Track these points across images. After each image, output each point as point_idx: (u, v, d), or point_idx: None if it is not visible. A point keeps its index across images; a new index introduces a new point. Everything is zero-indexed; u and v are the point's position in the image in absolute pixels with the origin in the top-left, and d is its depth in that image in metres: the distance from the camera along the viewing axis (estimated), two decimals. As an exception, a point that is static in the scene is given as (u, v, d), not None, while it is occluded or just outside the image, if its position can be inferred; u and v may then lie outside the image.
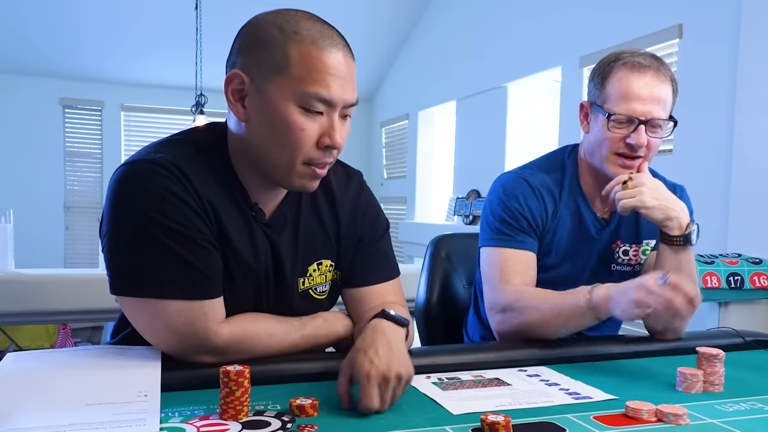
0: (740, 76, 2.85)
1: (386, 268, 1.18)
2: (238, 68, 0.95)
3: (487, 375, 1.06)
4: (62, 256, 6.68)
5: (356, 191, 1.17)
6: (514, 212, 1.35)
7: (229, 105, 0.97)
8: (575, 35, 4.09)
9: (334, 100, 0.93)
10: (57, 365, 0.92)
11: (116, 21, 5.83)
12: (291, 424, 0.80)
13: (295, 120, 0.93)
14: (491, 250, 1.36)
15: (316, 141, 0.95)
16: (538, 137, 4.77)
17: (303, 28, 0.93)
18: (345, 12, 6.07)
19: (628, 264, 1.43)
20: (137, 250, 0.93)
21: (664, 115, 1.29)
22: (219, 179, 0.99)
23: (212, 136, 1.03)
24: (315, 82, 0.92)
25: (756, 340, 1.31)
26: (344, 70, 0.94)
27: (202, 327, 0.94)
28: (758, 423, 0.86)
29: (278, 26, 0.93)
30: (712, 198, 2.97)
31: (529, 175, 1.40)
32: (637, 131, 1.27)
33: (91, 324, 3.87)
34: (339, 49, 0.94)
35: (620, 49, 1.36)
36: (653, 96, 1.27)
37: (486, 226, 1.39)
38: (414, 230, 6.13)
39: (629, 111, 1.27)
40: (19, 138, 6.52)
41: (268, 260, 1.05)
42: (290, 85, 0.92)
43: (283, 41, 0.92)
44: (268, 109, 0.94)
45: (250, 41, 0.95)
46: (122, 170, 0.95)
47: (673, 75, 1.32)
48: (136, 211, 0.92)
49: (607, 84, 1.31)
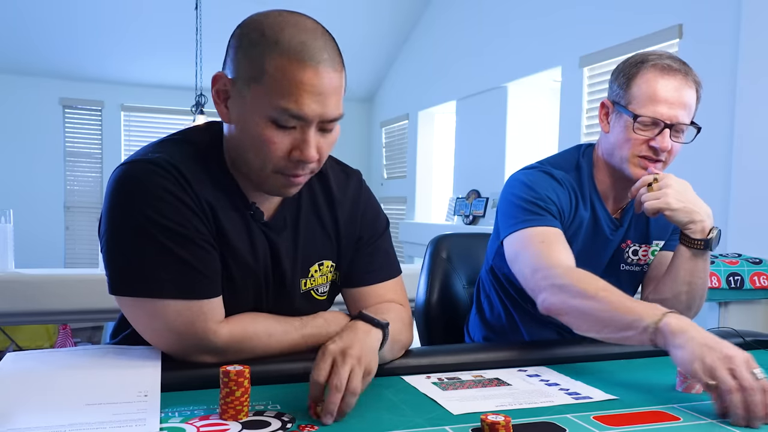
0: (740, 76, 2.85)
1: (386, 267, 1.17)
2: (224, 69, 0.95)
3: (487, 375, 1.06)
4: (62, 256, 6.68)
5: (355, 191, 1.16)
6: (542, 195, 1.30)
7: (214, 103, 0.97)
8: (575, 35, 4.09)
9: (306, 117, 0.90)
10: (57, 365, 0.92)
11: (116, 21, 5.84)
12: (291, 424, 0.80)
13: (264, 132, 0.91)
14: (519, 233, 1.27)
15: (287, 153, 0.93)
16: (538, 137, 4.77)
17: (285, 37, 0.89)
18: (345, 12, 6.07)
19: (637, 264, 1.43)
20: (136, 249, 0.93)
21: (687, 120, 1.28)
22: (216, 179, 0.99)
23: (210, 136, 1.03)
24: (286, 97, 0.89)
25: (756, 340, 1.31)
26: (322, 86, 0.90)
27: (201, 327, 0.94)
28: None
29: (260, 32, 0.91)
30: (712, 198, 2.95)
31: (551, 170, 1.37)
32: (662, 135, 1.26)
33: (91, 324, 3.87)
34: (319, 63, 0.90)
35: (646, 51, 1.33)
36: (680, 100, 1.26)
37: (509, 214, 1.31)
38: (414, 230, 6.13)
39: (656, 114, 1.25)
40: (19, 138, 6.52)
41: (267, 260, 1.05)
42: (263, 97, 0.90)
43: (262, 50, 0.90)
44: (244, 116, 0.93)
45: (236, 42, 0.94)
46: (120, 170, 0.95)
47: (700, 81, 1.30)
48: (134, 210, 0.92)
49: (633, 85, 1.28)
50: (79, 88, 6.70)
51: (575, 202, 1.36)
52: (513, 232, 1.29)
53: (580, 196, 1.37)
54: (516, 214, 1.30)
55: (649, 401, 0.94)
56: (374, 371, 0.90)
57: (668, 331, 0.95)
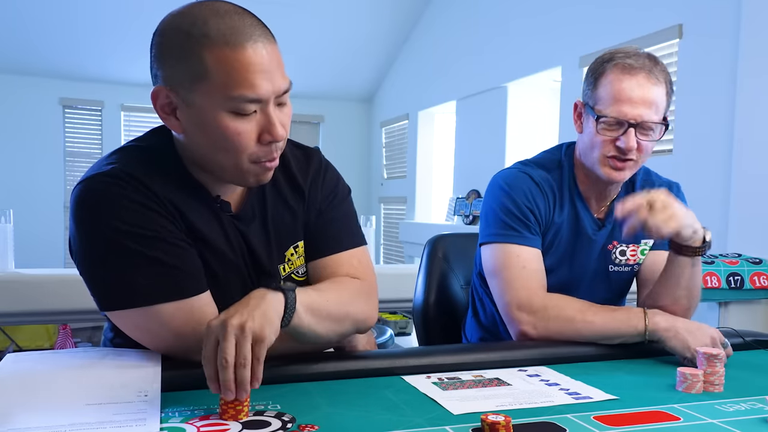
0: (740, 76, 2.85)
1: (340, 238, 1.12)
2: (160, 82, 0.92)
3: (487, 375, 1.06)
4: (62, 256, 6.68)
5: (316, 170, 1.15)
6: (521, 206, 1.32)
7: (162, 119, 0.95)
8: (575, 35, 4.09)
9: (262, 97, 0.90)
10: (57, 366, 0.92)
11: (116, 21, 5.84)
12: (291, 424, 0.80)
13: (228, 125, 0.90)
14: (499, 246, 1.32)
15: (257, 139, 0.93)
16: (538, 137, 4.77)
17: (212, 28, 0.87)
18: (345, 12, 6.07)
19: (626, 264, 1.42)
20: (111, 263, 0.92)
21: (655, 118, 1.26)
22: (175, 178, 0.99)
23: (159, 138, 1.03)
24: (238, 84, 0.88)
25: (756, 340, 1.31)
26: (266, 62, 0.89)
27: (197, 325, 0.94)
28: (758, 423, 0.85)
29: (185, 31, 0.88)
30: (712, 198, 2.97)
31: (531, 171, 1.38)
32: (627, 134, 1.25)
33: (91, 324, 3.86)
34: (255, 41, 0.88)
35: (616, 48, 1.32)
36: (644, 98, 1.24)
37: (490, 221, 1.35)
38: (414, 230, 6.13)
39: (619, 114, 1.25)
40: (19, 138, 6.52)
41: (243, 251, 1.05)
42: (214, 92, 0.89)
43: (194, 48, 0.88)
44: (200, 120, 0.92)
45: (163, 51, 0.91)
46: (78, 189, 0.95)
47: (669, 75, 1.29)
48: (100, 225, 0.92)
49: (599, 85, 1.29)
50: (79, 88, 6.70)
51: (553, 204, 1.37)
52: (492, 242, 1.34)
53: (559, 197, 1.37)
54: (495, 223, 1.34)
55: (649, 401, 0.94)
56: (268, 336, 0.83)
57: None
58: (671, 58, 3.29)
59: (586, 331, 1.22)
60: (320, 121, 7.55)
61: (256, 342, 0.82)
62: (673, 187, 1.43)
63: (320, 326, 0.99)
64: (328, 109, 7.47)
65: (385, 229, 7.42)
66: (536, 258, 1.32)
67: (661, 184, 1.42)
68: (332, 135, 7.56)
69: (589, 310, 1.24)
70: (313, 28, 6.11)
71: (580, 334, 1.22)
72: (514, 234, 1.31)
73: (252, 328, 0.81)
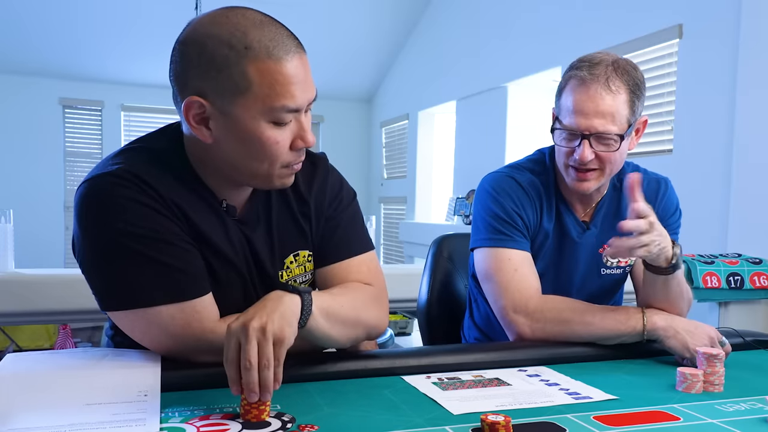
0: (740, 76, 2.85)
1: (348, 245, 1.13)
2: (193, 93, 0.91)
3: (487, 375, 1.06)
4: (62, 256, 6.68)
5: (323, 178, 1.15)
6: (509, 210, 1.33)
7: (191, 128, 0.95)
8: (575, 35, 4.09)
9: (300, 107, 0.94)
10: (57, 366, 0.92)
11: (116, 21, 5.83)
12: (291, 424, 0.80)
13: (268, 136, 0.93)
14: (490, 251, 1.32)
15: (290, 146, 0.96)
16: (538, 137, 4.77)
17: (253, 40, 0.89)
18: (346, 12, 6.07)
19: (618, 266, 1.42)
20: (114, 264, 0.93)
21: (613, 128, 1.22)
22: (181, 181, 0.99)
23: (167, 139, 1.03)
24: (280, 96, 0.91)
25: (756, 340, 1.31)
26: (303, 73, 0.93)
27: (197, 327, 0.94)
28: (758, 423, 0.86)
29: (227, 43, 0.88)
30: (712, 198, 2.97)
31: (517, 175, 1.38)
32: (582, 146, 1.24)
33: (91, 324, 3.86)
34: (294, 53, 0.92)
35: (586, 55, 1.28)
36: (597, 110, 1.22)
37: (479, 226, 1.36)
38: (414, 230, 6.13)
39: (571, 125, 1.25)
40: (19, 138, 6.52)
41: (246, 254, 1.05)
42: (256, 104, 0.91)
43: (237, 61, 0.89)
44: (237, 129, 0.93)
45: (201, 62, 0.90)
46: (82, 188, 0.95)
47: (636, 80, 1.24)
48: (103, 225, 0.92)
49: (561, 96, 1.29)
50: (78, 88, 6.70)
51: (540, 209, 1.36)
52: (483, 246, 1.34)
53: (545, 200, 1.37)
54: (485, 227, 1.34)
55: (649, 401, 0.94)
56: (288, 338, 0.84)
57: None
58: (671, 58, 3.29)
59: (584, 332, 1.22)
60: (320, 121, 7.55)
61: (276, 344, 0.83)
62: (661, 183, 1.42)
63: (334, 330, 0.99)
64: (328, 109, 7.46)
65: (385, 229, 7.42)
66: (527, 261, 1.32)
67: (650, 180, 1.41)
68: (332, 135, 7.56)
69: (586, 311, 1.24)
70: (313, 28, 6.11)
71: (578, 335, 1.22)
72: (504, 238, 1.32)
73: (273, 330, 0.83)
